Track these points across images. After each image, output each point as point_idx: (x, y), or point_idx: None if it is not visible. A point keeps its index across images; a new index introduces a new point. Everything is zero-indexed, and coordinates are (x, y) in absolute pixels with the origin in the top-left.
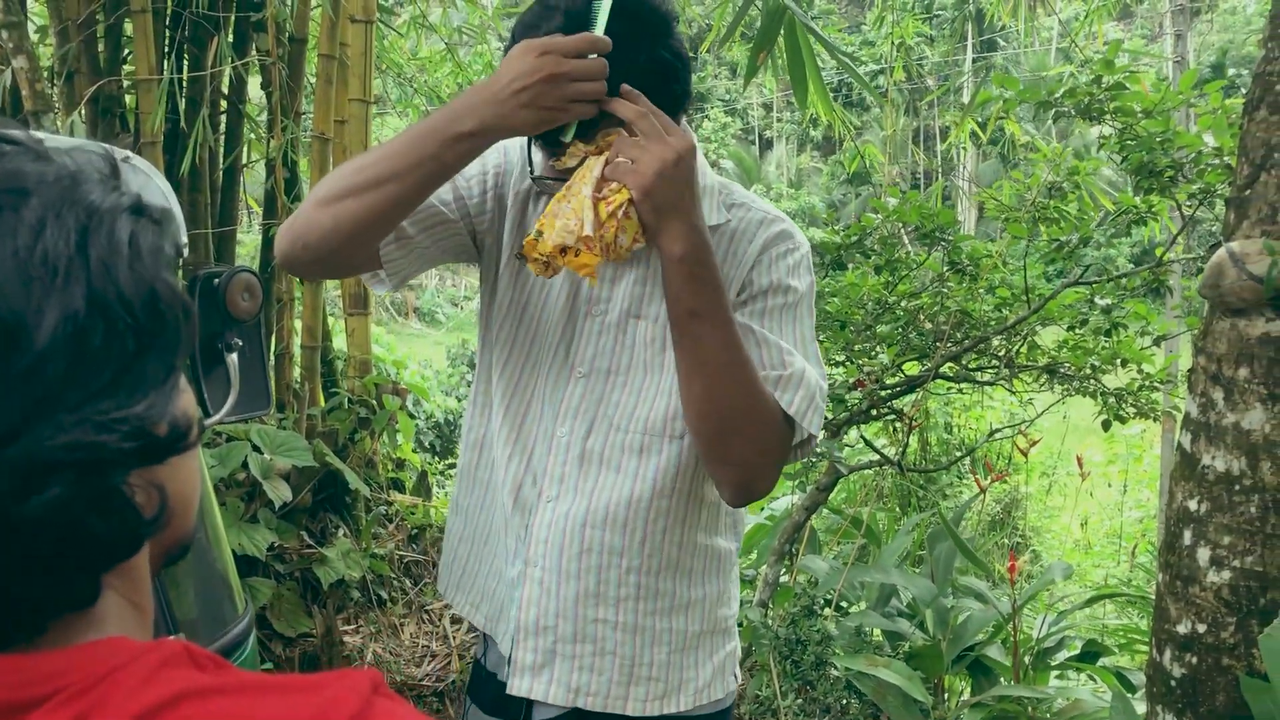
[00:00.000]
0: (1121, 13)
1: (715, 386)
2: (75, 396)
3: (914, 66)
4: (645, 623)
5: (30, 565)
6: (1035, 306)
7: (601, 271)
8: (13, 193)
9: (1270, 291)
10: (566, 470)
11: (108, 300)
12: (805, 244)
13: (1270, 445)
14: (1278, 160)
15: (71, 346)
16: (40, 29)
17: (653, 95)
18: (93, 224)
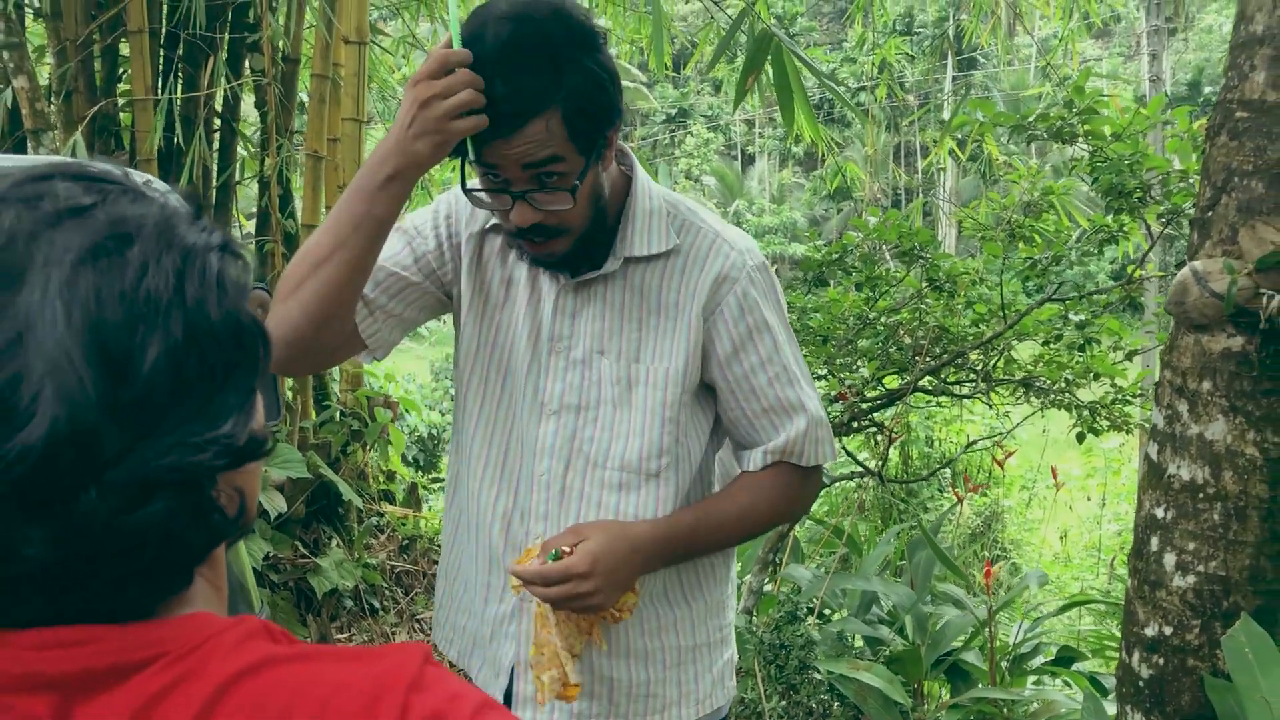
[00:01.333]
0: (1099, 32)
1: (738, 539)
2: (174, 421)
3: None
4: (638, 645)
5: (137, 564)
6: (1010, 322)
7: (562, 306)
8: (118, 238)
9: (1230, 308)
10: (550, 508)
11: (201, 333)
12: (755, 259)
13: (1232, 455)
14: (1238, 183)
15: (171, 376)
16: (39, 49)
17: (584, 105)
18: (188, 264)
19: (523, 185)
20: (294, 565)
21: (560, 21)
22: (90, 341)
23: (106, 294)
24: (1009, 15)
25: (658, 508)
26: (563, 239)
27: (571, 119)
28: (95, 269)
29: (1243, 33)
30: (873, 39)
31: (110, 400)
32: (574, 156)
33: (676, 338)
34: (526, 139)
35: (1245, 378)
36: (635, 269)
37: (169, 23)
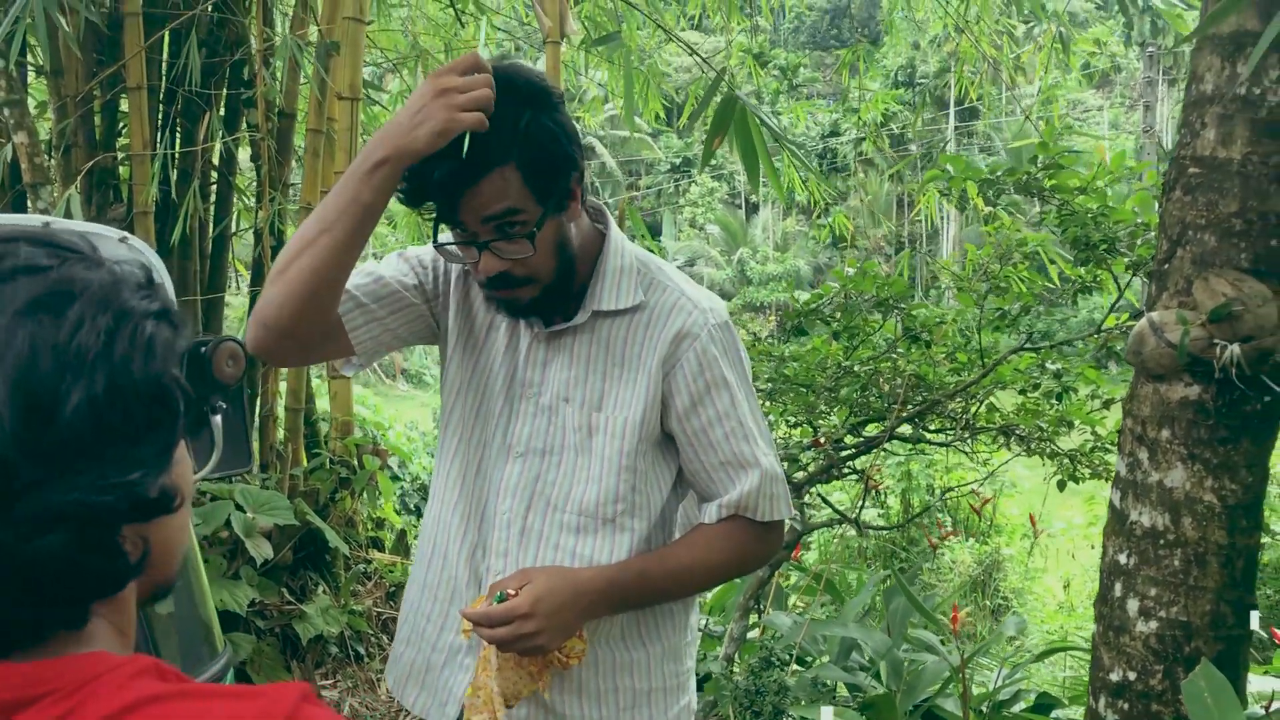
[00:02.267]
0: (1102, 81)
1: (691, 590)
2: (85, 464)
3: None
4: (591, 685)
5: (32, 592)
6: (984, 371)
7: (534, 354)
8: (62, 295)
9: (1184, 358)
10: (509, 545)
11: (122, 388)
12: (718, 318)
13: (1191, 502)
14: (1192, 237)
15: (89, 424)
16: (40, 104)
17: (539, 156)
18: (120, 325)
19: (486, 236)
20: (280, 611)
21: (511, 84)
22: (17, 384)
23: (40, 344)
24: (1010, 65)
25: (614, 553)
26: (529, 287)
27: (527, 171)
28: (34, 320)
29: (1194, 92)
30: (861, 92)
31: (26, 438)
32: (532, 206)
33: (636, 389)
34: (484, 192)
35: (1203, 426)
36: (603, 322)
37: (167, 79)
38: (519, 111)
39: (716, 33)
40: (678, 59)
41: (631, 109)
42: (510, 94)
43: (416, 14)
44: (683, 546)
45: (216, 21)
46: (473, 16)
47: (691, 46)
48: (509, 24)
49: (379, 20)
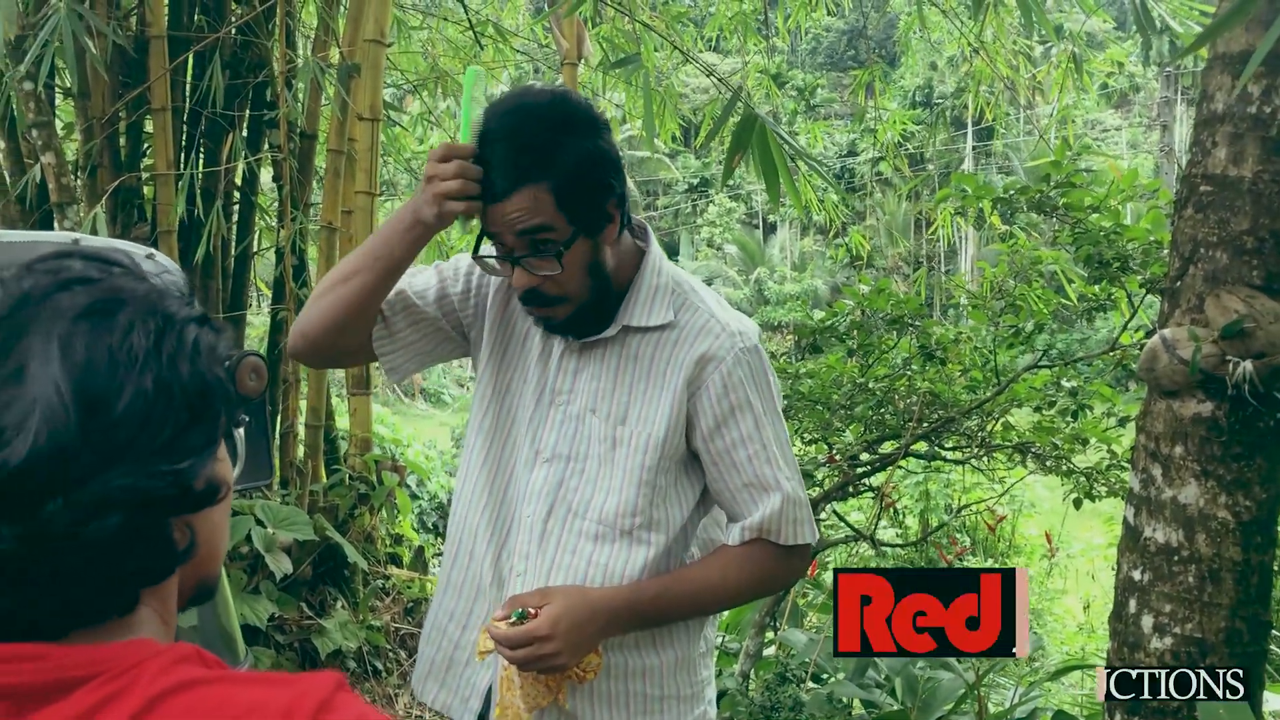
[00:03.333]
0: (1120, 101)
1: (710, 610)
2: (137, 453)
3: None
4: (603, 688)
5: (88, 575)
6: (999, 389)
7: (566, 364)
8: (113, 302)
9: (1195, 374)
10: (530, 548)
11: (169, 386)
12: (747, 342)
13: (1205, 518)
14: (1203, 254)
15: (140, 416)
16: (67, 126)
17: (572, 179)
18: (167, 329)
19: (518, 250)
20: (299, 626)
21: (557, 108)
22: (78, 381)
23: (95, 345)
24: (1024, 85)
25: (629, 563)
26: (562, 306)
27: (561, 192)
28: (89, 324)
29: (1205, 110)
30: (878, 112)
31: (86, 430)
32: (563, 226)
33: (661, 406)
34: (515, 206)
35: (1215, 443)
36: (633, 337)
37: (191, 100)
38: (557, 136)
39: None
40: (695, 80)
41: (650, 130)
42: (551, 120)
43: (436, 36)
44: (703, 567)
45: (240, 44)
46: (492, 39)
47: (708, 67)
48: (528, 46)
49: (399, 43)
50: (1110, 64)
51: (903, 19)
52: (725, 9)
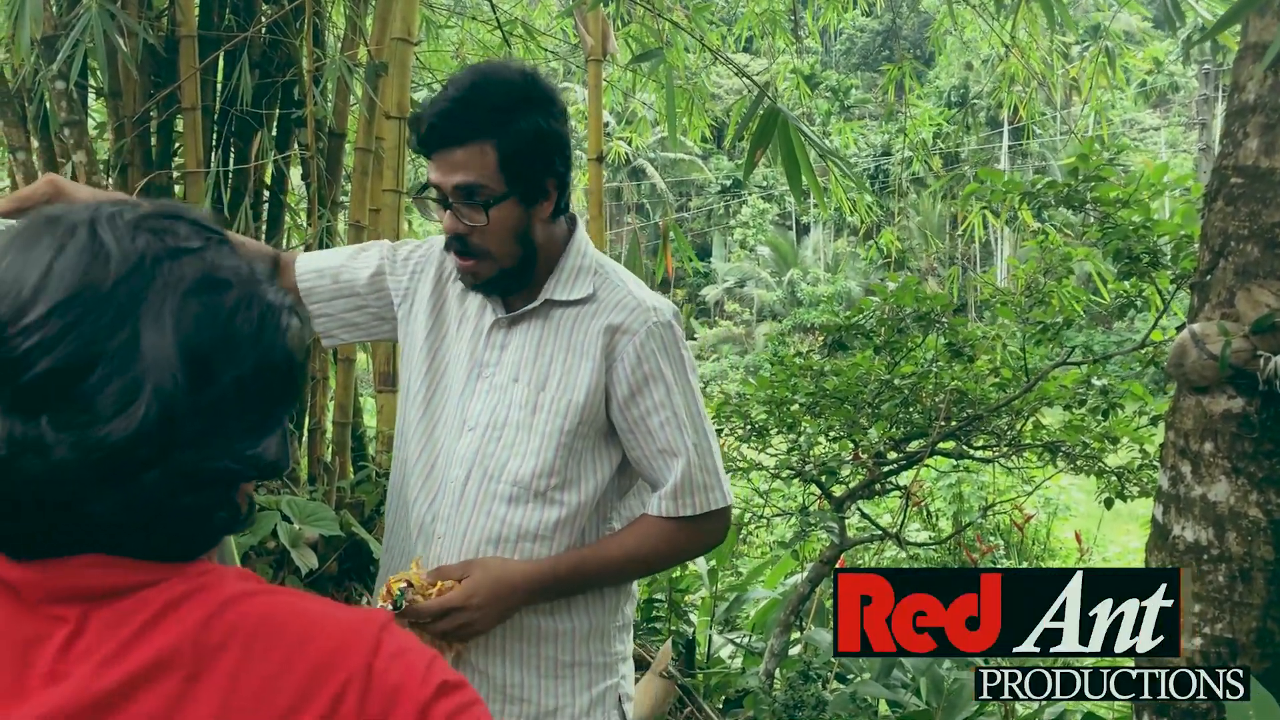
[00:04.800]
0: (1158, 100)
1: (627, 578)
2: (229, 432)
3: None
4: (512, 648)
5: (165, 533)
6: (1026, 386)
7: (493, 339)
8: (219, 283)
9: (1225, 370)
10: (450, 511)
11: (265, 369)
12: (661, 317)
13: (1235, 516)
14: (1234, 248)
15: (237, 397)
16: (99, 125)
17: (519, 146)
18: (268, 315)
19: (452, 198)
20: None
21: (523, 82)
22: (187, 357)
23: (204, 323)
24: (1057, 83)
25: (542, 523)
26: (485, 262)
27: (506, 155)
28: (199, 301)
29: (1236, 101)
30: (908, 110)
31: (193, 406)
32: (498, 186)
33: (580, 373)
34: (460, 158)
35: (1246, 439)
36: (555, 310)
37: (221, 99)
38: (516, 104)
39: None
40: (728, 81)
41: (675, 126)
42: (513, 90)
43: (465, 35)
44: (620, 537)
45: (269, 43)
46: (520, 38)
47: (737, 64)
48: (557, 45)
49: (429, 42)
50: (1149, 62)
51: (936, 19)
52: (754, 6)
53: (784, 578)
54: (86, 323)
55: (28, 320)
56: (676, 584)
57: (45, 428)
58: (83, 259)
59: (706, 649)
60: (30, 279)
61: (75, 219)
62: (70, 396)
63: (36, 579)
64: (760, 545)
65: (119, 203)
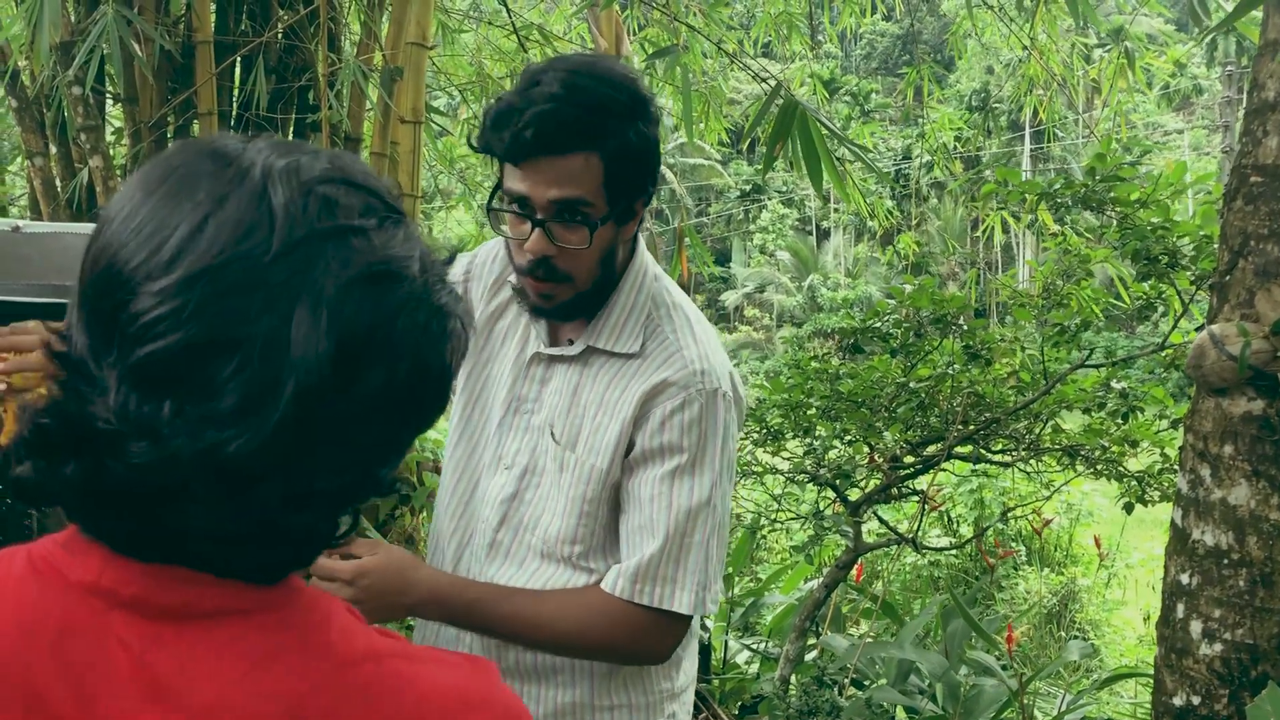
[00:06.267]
0: (1181, 103)
1: (540, 646)
2: (359, 446)
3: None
4: (527, 690)
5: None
6: (1044, 389)
7: (534, 371)
8: (389, 275)
9: (1244, 371)
10: (481, 553)
11: (418, 378)
12: (708, 383)
13: (1256, 520)
14: (1254, 247)
15: (379, 410)
16: (116, 131)
17: (628, 160)
18: (435, 320)
19: (544, 214)
20: None
21: (626, 84)
22: (337, 359)
23: (364, 320)
24: (1076, 85)
25: (573, 587)
26: (566, 286)
27: (611, 170)
28: (363, 293)
29: (1256, 99)
30: (927, 113)
31: (331, 413)
32: (601, 204)
33: (609, 437)
34: (563, 168)
35: (1267, 442)
36: (596, 358)
37: (237, 104)
38: (631, 110)
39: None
40: (747, 86)
41: (690, 126)
42: (619, 93)
43: (482, 40)
44: (541, 597)
45: (285, 48)
46: (537, 43)
47: (752, 68)
48: (572, 49)
49: (445, 47)
50: (1171, 65)
51: (956, 22)
52: (770, 9)
53: (801, 583)
54: (234, 298)
55: (165, 283)
56: None
57: (166, 410)
58: (245, 219)
59: (723, 654)
60: (177, 232)
61: (246, 162)
62: (199, 381)
63: (144, 590)
64: (780, 551)
65: (294, 149)
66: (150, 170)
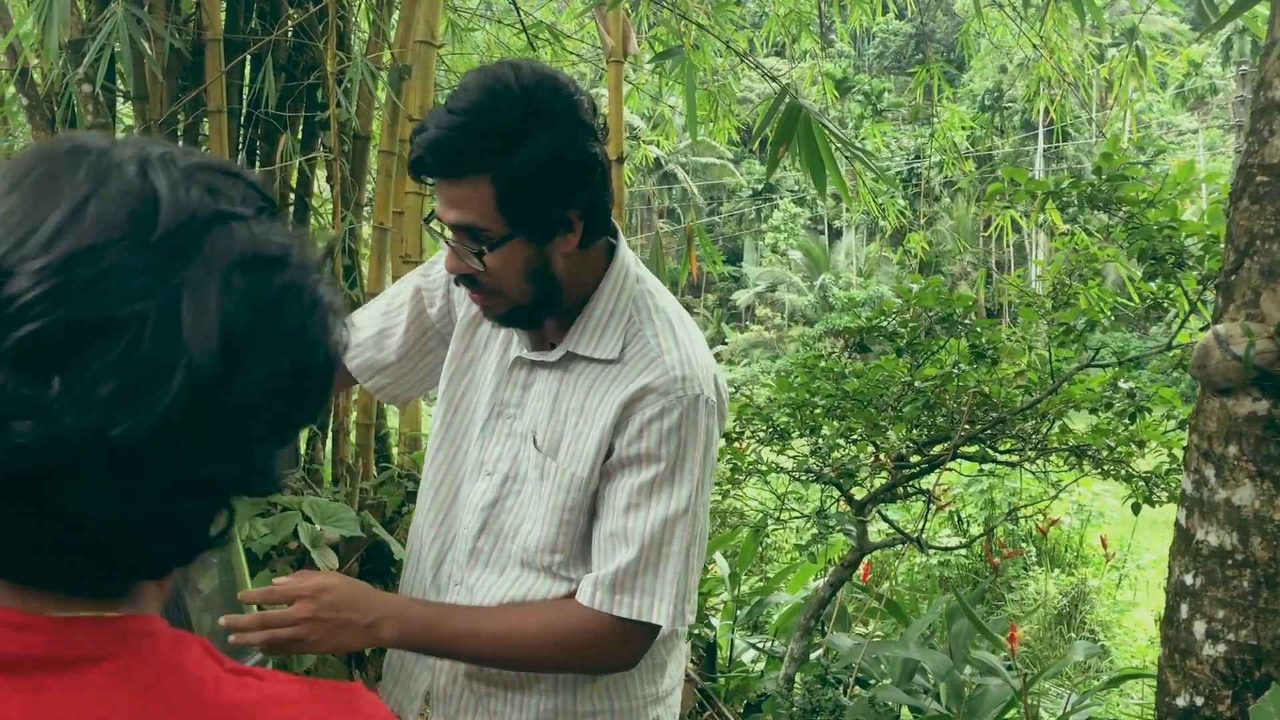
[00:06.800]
0: (1195, 103)
1: (496, 661)
2: (245, 437)
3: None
4: (495, 702)
5: (138, 547)
6: (1050, 389)
7: (515, 376)
8: (269, 260)
9: (1248, 371)
10: (462, 560)
11: (301, 373)
12: (690, 390)
13: (1260, 521)
14: (1259, 247)
15: (265, 399)
16: (127, 129)
17: (521, 178)
18: (316, 310)
19: (454, 237)
20: None
21: (534, 95)
22: (225, 338)
23: (248, 305)
24: (1087, 84)
25: (551, 597)
26: (498, 300)
27: (504, 191)
28: (245, 278)
29: (1262, 98)
30: (937, 112)
31: (220, 401)
32: (498, 227)
33: (588, 444)
34: (453, 194)
35: (1272, 442)
36: (577, 364)
37: (247, 102)
38: (521, 127)
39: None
40: (760, 85)
41: (695, 124)
42: (520, 110)
43: (492, 39)
44: (509, 612)
45: (294, 47)
46: (546, 42)
47: (760, 66)
48: (582, 48)
49: (454, 45)
50: (1185, 64)
51: (966, 21)
52: (779, 8)
53: (808, 582)
54: (120, 276)
55: (43, 262)
56: (699, 587)
57: (54, 388)
58: (127, 202)
59: (728, 653)
60: (55, 214)
61: (118, 155)
62: (85, 362)
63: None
64: (789, 551)
65: (162, 143)
66: (10, 168)
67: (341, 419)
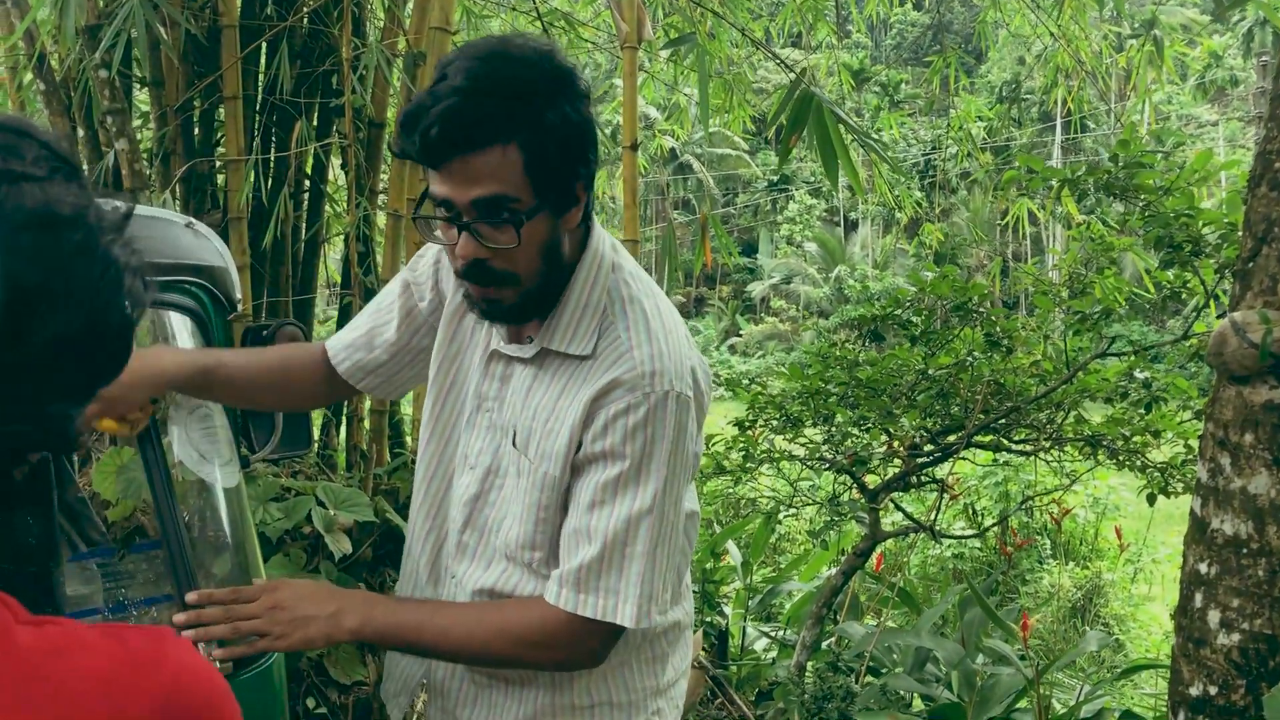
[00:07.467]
0: (1215, 95)
1: (451, 655)
2: (41, 395)
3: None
4: (495, 695)
5: None
6: (1064, 378)
7: (494, 369)
8: (63, 220)
9: (1265, 359)
10: (451, 552)
11: (95, 333)
12: (659, 386)
13: (1276, 509)
14: (1278, 234)
15: (59, 356)
16: (143, 115)
17: (549, 144)
18: (110, 270)
19: (469, 216)
20: None
21: (540, 63)
22: (9, 297)
23: (36, 263)
24: (1104, 74)
25: (534, 593)
26: (509, 289)
27: (532, 157)
28: (33, 237)
29: None
30: (951, 100)
31: (3, 355)
32: (528, 197)
33: (558, 442)
34: (476, 166)
35: None
36: (551, 360)
37: (263, 89)
38: (544, 93)
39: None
40: (776, 76)
41: (707, 112)
42: (533, 74)
43: (507, 26)
44: (465, 608)
45: (309, 33)
46: (561, 29)
47: (776, 54)
48: (597, 36)
49: (469, 32)
50: (1206, 56)
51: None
52: None
53: (821, 570)
54: None
55: None
56: (710, 575)
57: None
58: None
59: (740, 641)
60: None
61: None
62: None
63: None
64: (804, 540)
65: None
66: None
67: (355, 405)
